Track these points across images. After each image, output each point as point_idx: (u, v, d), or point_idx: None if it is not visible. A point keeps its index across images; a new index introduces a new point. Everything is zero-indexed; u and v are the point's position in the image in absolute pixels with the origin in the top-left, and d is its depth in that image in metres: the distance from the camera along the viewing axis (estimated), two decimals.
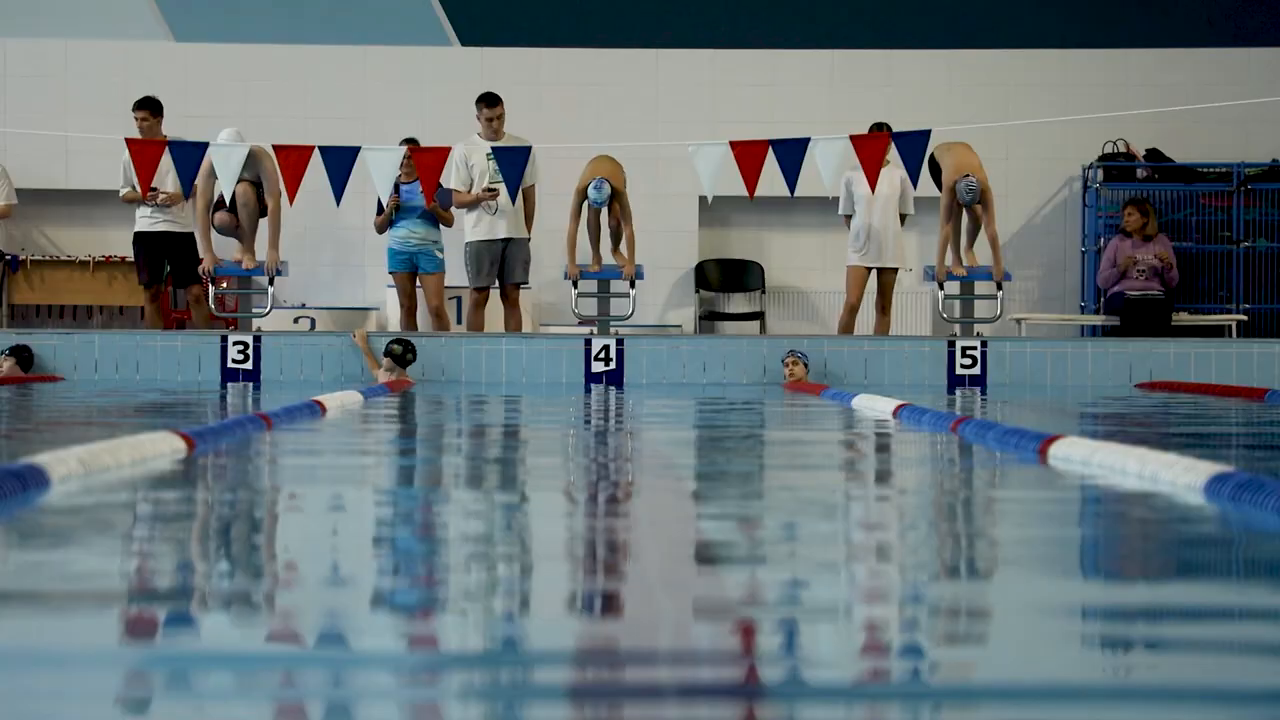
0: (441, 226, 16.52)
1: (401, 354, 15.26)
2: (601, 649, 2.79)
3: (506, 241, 16.22)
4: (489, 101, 16.23)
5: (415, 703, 2.43)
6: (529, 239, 16.36)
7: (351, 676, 2.57)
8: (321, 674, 2.59)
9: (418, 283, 16.59)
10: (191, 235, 16.47)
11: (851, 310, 16.60)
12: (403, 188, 16.27)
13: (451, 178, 16.19)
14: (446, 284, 16.83)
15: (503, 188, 15.86)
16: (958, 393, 14.74)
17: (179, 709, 2.38)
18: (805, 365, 15.42)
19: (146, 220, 16.52)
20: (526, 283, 16.50)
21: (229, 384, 15.39)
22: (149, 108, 16.43)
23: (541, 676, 2.60)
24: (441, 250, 16.54)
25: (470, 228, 16.29)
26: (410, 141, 16.35)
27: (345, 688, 2.54)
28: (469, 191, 16.18)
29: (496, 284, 16.39)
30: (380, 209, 16.39)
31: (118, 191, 16.58)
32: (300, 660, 2.71)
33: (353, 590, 3.48)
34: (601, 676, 2.58)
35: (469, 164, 16.15)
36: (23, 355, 15.48)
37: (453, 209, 16.42)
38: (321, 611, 3.16)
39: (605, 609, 3.21)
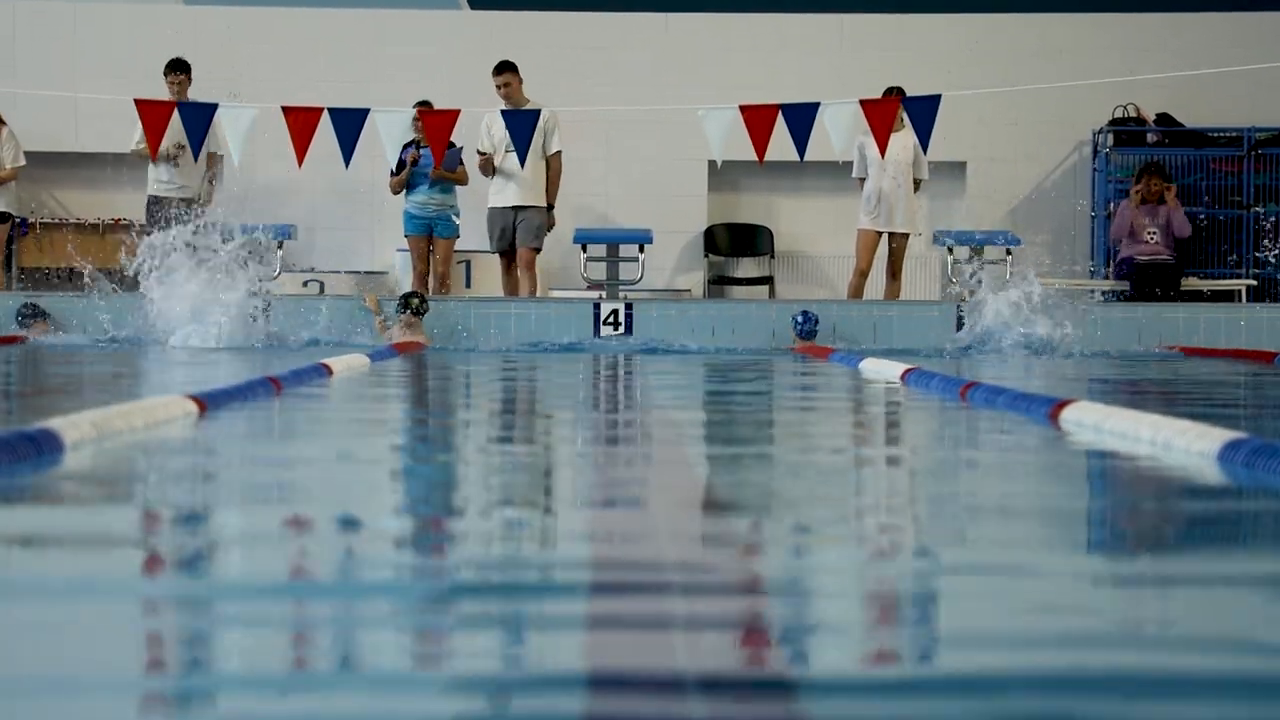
0: (458, 190, 16.61)
1: (419, 305, 15.26)
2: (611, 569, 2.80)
3: (517, 209, 16.23)
4: (495, 70, 16.29)
5: (428, 631, 2.44)
6: (546, 206, 16.33)
7: (366, 611, 2.58)
8: (335, 618, 2.60)
9: (432, 246, 16.66)
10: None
11: (861, 275, 16.58)
12: (425, 150, 16.27)
13: (480, 145, 16.31)
14: (457, 249, 16.88)
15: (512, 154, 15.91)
16: (965, 357, 14.72)
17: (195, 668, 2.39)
18: (799, 333, 15.38)
19: (162, 185, 16.62)
20: (538, 247, 16.43)
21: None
22: (183, 70, 16.57)
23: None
24: (458, 215, 16.59)
25: (491, 194, 16.36)
26: (424, 104, 16.37)
27: (360, 624, 2.55)
28: (484, 153, 16.24)
29: None
30: (396, 169, 16.37)
31: (128, 151, 16.65)
32: (312, 601, 2.72)
33: (368, 537, 3.49)
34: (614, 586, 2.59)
35: (490, 132, 16.20)
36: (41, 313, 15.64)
37: (463, 170, 16.54)
38: (336, 564, 3.17)
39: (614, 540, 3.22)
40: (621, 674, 2.29)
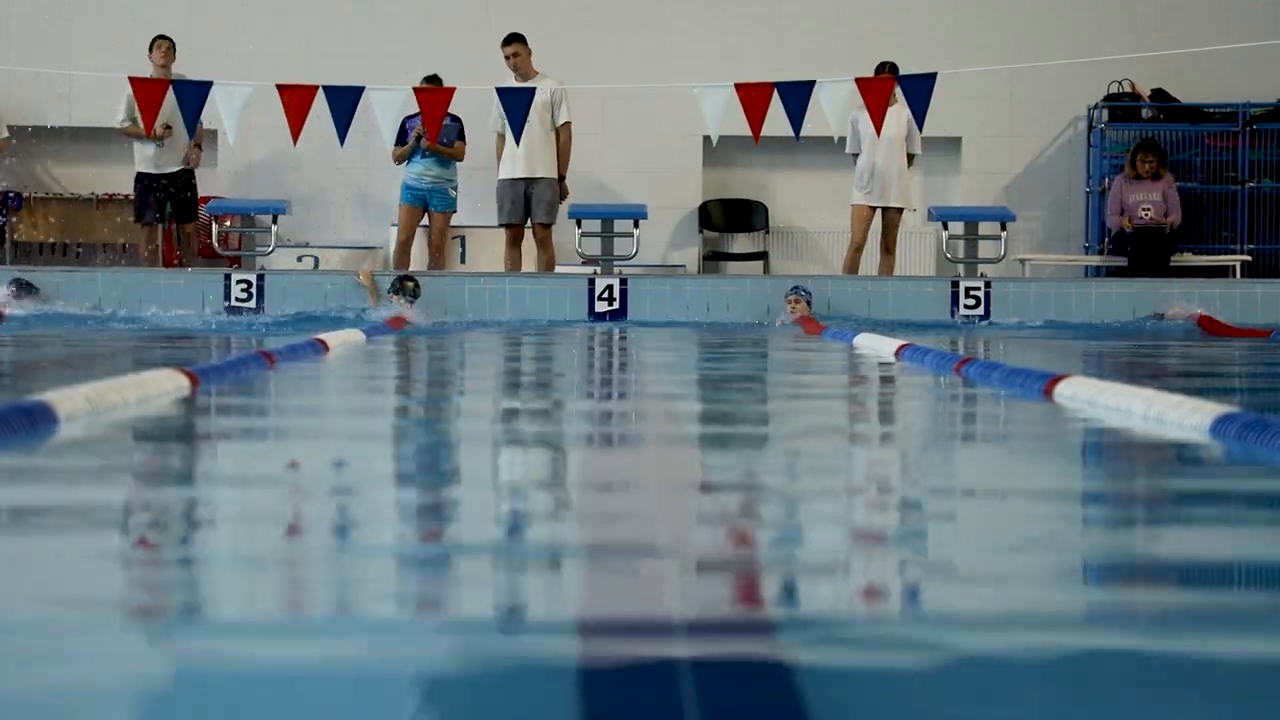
0: (456, 165, 16.62)
1: (414, 288, 15.27)
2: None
3: (528, 181, 16.20)
4: (504, 41, 16.32)
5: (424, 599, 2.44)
6: (557, 179, 16.31)
7: (362, 590, 2.58)
8: (329, 603, 2.60)
9: (423, 220, 16.67)
10: (192, 172, 16.71)
11: (856, 249, 16.58)
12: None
13: (493, 123, 16.30)
14: (454, 223, 16.89)
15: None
16: (960, 333, 14.73)
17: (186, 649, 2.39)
18: (808, 302, 15.38)
19: (149, 162, 16.64)
20: (551, 221, 16.36)
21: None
22: (164, 39, 16.67)
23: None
24: (455, 189, 16.60)
25: (501, 167, 16.33)
26: (432, 78, 16.35)
27: (355, 606, 2.55)
28: (501, 134, 16.22)
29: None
30: (400, 139, 16.33)
31: (117, 123, 16.67)
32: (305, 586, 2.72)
33: (360, 518, 3.49)
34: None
35: (501, 108, 16.14)
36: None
37: (461, 145, 16.56)
38: (329, 537, 3.17)
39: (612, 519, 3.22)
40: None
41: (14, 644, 2.31)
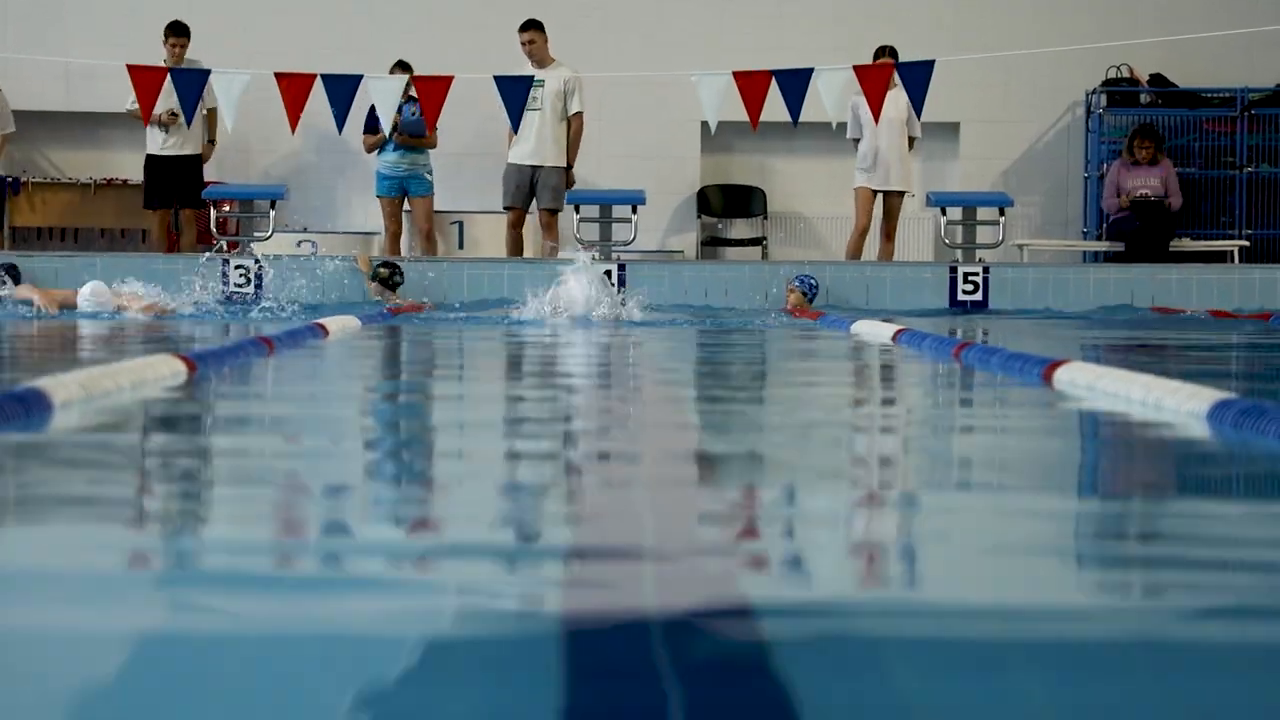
0: (429, 150, 16.66)
1: (389, 276, 15.23)
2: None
3: (535, 168, 16.21)
4: (520, 28, 16.37)
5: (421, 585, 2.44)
6: (566, 167, 16.32)
7: (354, 570, 2.58)
8: (324, 578, 2.59)
9: (405, 207, 16.71)
10: (199, 158, 16.73)
11: (861, 233, 16.58)
12: (404, 108, 16.26)
13: None
14: (452, 208, 16.88)
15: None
16: (960, 318, 14.72)
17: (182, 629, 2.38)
18: (804, 294, 15.33)
19: (159, 145, 16.68)
20: (558, 208, 16.40)
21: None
22: (183, 33, 16.65)
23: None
24: (430, 173, 16.63)
25: (510, 151, 16.35)
26: (402, 65, 16.39)
27: (350, 584, 2.55)
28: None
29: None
30: (368, 128, 16.39)
31: (123, 111, 16.68)
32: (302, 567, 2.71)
33: (355, 500, 3.48)
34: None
35: None
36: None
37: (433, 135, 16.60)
38: (323, 524, 3.17)
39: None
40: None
41: (11, 643, 2.31)
